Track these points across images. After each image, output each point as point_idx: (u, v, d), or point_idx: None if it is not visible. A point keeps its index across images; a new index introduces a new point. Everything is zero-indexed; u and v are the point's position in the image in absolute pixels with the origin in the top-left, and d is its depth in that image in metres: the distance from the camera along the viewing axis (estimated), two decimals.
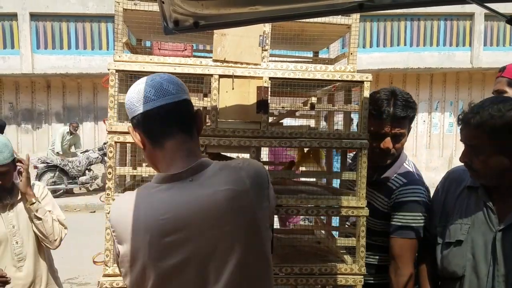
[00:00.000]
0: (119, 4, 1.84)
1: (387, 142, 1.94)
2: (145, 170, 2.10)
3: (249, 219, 1.18)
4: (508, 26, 1.53)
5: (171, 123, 1.20)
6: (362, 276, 1.90)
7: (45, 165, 9.95)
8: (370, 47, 11.46)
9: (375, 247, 2.03)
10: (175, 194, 1.16)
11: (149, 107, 1.18)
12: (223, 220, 1.15)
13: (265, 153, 2.44)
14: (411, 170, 2.02)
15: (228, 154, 1.97)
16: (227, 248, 1.15)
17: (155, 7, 1.84)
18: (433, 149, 12.25)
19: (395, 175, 2.00)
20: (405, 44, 11.51)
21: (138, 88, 1.20)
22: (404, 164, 2.04)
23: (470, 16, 11.39)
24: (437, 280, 1.87)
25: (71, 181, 10.19)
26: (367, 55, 11.03)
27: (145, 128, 1.21)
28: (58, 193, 10.07)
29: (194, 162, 1.20)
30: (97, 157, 10.49)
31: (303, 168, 2.34)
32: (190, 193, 1.16)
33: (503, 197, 1.67)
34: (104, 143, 10.51)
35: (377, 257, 2.04)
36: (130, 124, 1.25)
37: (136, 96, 1.20)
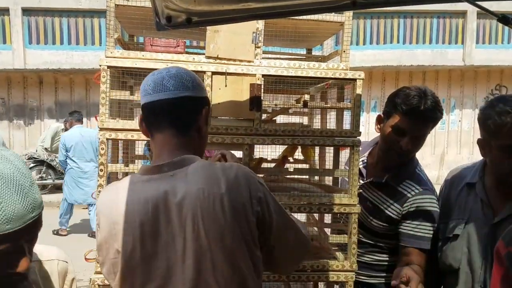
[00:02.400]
0: (111, 0, 1.82)
1: (408, 141, 1.86)
2: (137, 167, 2.09)
3: (217, 225, 1.14)
4: (500, 24, 1.52)
5: (161, 118, 1.23)
6: (354, 273, 1.91)
7: (32, 160, 9.89)
8: (363, 44, 11.47)
9: (376, 247, 2.01)
10: (152, 186, 1.17)
11: (146, 100, 1.23)
12: (190, 220, 1.14)
13: None
14: (424, 177, 1.98)
15: None
16: (189, 248, 1.14)
17: (147, 2, 1.83)
18: (425, 146, 12.17)
19: (407, 181, 1.94)
20: (398, 42, 11.55)
21: (145, 80, 1.25)
22: (416, 169, 1.99)
23: (462, 14, 11.44)
24: (436, 275, 1.89)
25: (58, 176, 10.10)
26: (360, 52, 11.05)
27: (144, 119, 1.27)
28: (46, 189, 10.04)
29: (177, 157, 1.21)
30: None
31: (296, 166, 2.34)
32: (167, 186, 1.17)
33: (499, 193, 1.71)
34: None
35: (377, 257, 2.01)
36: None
37: (142, 88, 1.25)
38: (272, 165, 2.30)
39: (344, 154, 2.25)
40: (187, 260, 1.15)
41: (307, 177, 2.48)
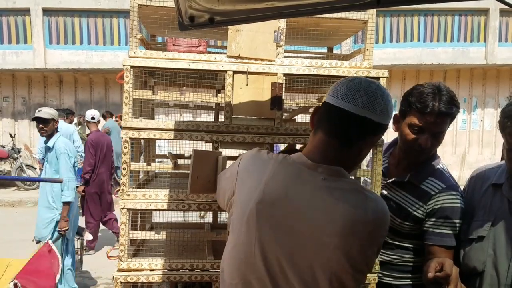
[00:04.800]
0: (134, 0, 1.83)
1: (427, 139, 1.84)
2: (158, 166, 2.10)
3: (339, 253, 1.15)
4: None
5: (333, 124, 1.22)
6: (376, 274, 1.89)
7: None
8: (383, 42, 11.35)
9: (401, 247, 1.98)
10: (298, 178, 1.21)
11: (332, 101, 1.22)
12: (325, 230, 1.15)
13: None
14: (446, 173, 1.95)
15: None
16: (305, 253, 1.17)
17: (170, 3, 1.83)
18: (446, 146, 12.11)
19: (430, 178, 1.91)
20: (418, 40, 11.39)
21: (341, 82, 1.24)
22: (439, 166, 1.95)
23: (485, 12, 11.22)
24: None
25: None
26: (380, 50, 10.93)
27: (320, 114, 1.27)
28: None
29: (330, 164, 1.22)
30: None
31: None
32: (314, 187, 1.19)
33: None
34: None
35: (403, 258, 1.98)
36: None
37: (335, 87, 1.24)
38: None
39: None
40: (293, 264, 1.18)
41: None
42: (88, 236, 5.36)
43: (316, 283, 1.15)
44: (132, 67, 1.80)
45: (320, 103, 1.33)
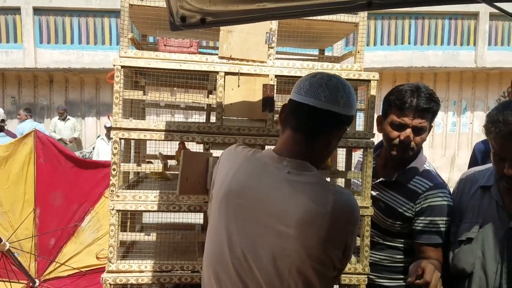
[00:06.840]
0: (125, 0, 1.82)
1: (408, 133, 1.87)
2: (148, 167, 2.09)
3: (299, 245, 1.18)
4: None
5: (299, 120, 1.26)
6: (366, 276, 1.89)
7: None
8: (374, 45, 11.40)
9: (393, 248, 1.99)
10: (264, 170, 1.26)
11: (296, 98, 1.27)
12: (284, 221, 1.19)
13: None
14: (432, 172, 1.97)
15: None
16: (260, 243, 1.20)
17: (161, 2, 1.83)
18: (435, 148, 12.21)
19: (417, 177, 1.94)
20: (409, 43, 11.45)
21: (304, 79, 1.28)
22: (425, 165, 1.98)
23: (475, 15, 11.32)
24: (448, 280, 1.86)
25: None
26: (371, 53, 10.97)
27: (287, 112, 1.31)
28: None
29: (296, 158, 1.26)
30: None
31: None
32: (277, 179, 1.23)
33: None
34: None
35: (395, 259, 1.99)
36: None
37: (298, 84, 1.28)
38: None
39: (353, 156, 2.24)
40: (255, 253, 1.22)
41: None
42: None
43: (277, 273, 1.18)
44: (122, 67, 1.79)
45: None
